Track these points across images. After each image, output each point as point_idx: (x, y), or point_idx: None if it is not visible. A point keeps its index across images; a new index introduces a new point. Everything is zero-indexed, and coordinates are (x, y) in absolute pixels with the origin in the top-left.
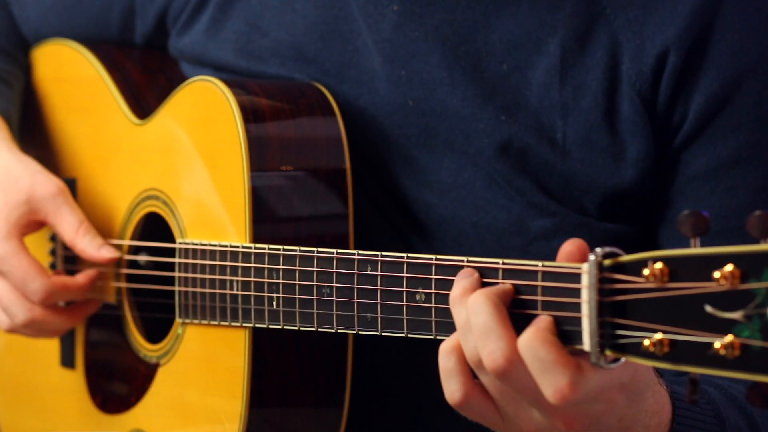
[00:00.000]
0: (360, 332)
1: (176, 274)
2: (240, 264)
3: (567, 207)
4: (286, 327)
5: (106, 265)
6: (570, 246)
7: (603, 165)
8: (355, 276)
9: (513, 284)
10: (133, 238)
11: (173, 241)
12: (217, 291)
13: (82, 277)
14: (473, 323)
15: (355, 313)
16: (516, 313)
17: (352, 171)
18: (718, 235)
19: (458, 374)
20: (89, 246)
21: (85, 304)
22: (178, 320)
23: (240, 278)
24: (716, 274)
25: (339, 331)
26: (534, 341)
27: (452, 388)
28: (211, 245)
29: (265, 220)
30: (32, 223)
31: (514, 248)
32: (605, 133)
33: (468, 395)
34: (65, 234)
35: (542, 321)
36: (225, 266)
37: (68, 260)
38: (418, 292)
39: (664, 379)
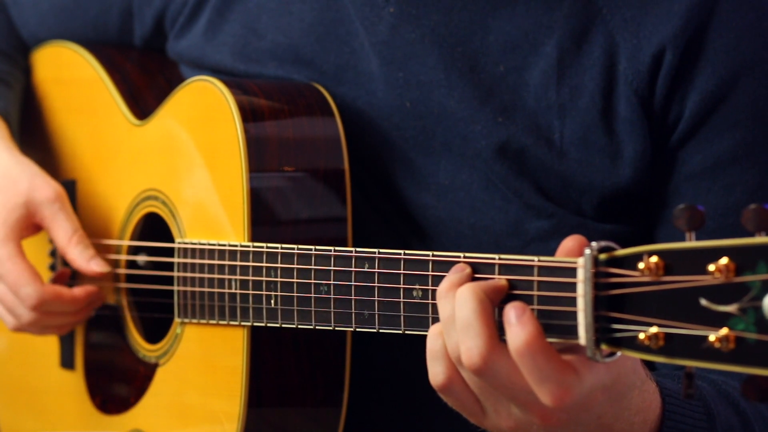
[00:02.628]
0: (357, 329)
1: (175, 273)
2: (238, 263)
3: (564, 208)
4: (284, 325)
5: (95, 277)
6: (570, 242)
7: (600, 165)
8: (353, 273)
9: (508, 280)
10: (132, 239)
11: (173, 241)
12: (216, 290)
13: (79, 291)
14: (457, 316)
15: (353, 310)
16: None
17: (350, 172)
18: (715, 233)
19: (444, 357)
20: (80, 256)
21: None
22: (177, 320)
23: (238, 277)
24: (711, 268)
25: (336, 328)
26: (533, 350)
27: (436, 370)
28: (209, 244)
29: (264, 220)
30: (30, 226)
31: (511, 250)
32: (602, 133)
33: (451, 379)
34: (58, 241)
35: (534, 327)
36: (223, 265)
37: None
38: (414, 288)
39: (654, 374)
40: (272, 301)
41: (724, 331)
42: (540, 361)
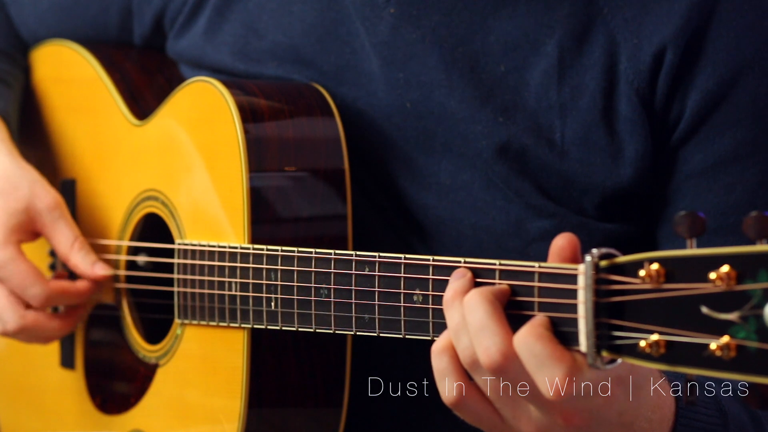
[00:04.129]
0: (358, 333)
1: (175, 275)
2: (238, 265)
3: (565, 208)
4: (284, 328)
5: (99, 281)
6: (561, 240)
7: (601, 164)
8: (353, 277)
9: (510, 285)
10: (132, 239)
11: (172, 241)
12: (216, 292)
13: (82, 283)
14: (469, 321)
15: (353, 314)
16: (513, 314)
17: (351, 172)
18: (716, 232)
19: (451, 373)
20: (82, 262)
21: (76, 310)
22: (177, 321)
23: (238, 279)
24: (712, 275)
25: (337, 331)
26: (529, 337)
27: (447, 387)
28: (209, 246)
29: (264, 220)
30: (28, 232)
31: (512, 250)
32: (603, 133)
33: (464, 393)
34: (60, 248)
35: (537, 318)
36: (223, 267)
37: None
38: (415, 293)
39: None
40: (272, 304)
41: (725, 339)
42: (537, 348)
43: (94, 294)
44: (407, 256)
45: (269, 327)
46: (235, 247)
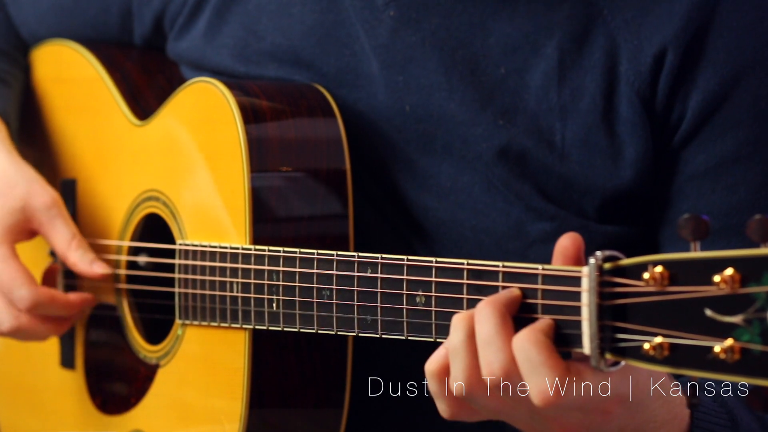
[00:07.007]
0: (360, 334)
1: (176, 275)
2: (240, 265)
3: (566, 210)
4: (286, 329)
5: (98, 280)
6: (566, 241)
7: (602, 166)
8: (355, 278)
9: (521, 288)
10: (133, 239)
11: (173, 242)
12: (217, 293)
13: (74, 296)
14: (477, 330)
15: (355, 315)
16: (516, 317)
17: (351, 174)
18: (719, 234)
19: (443, 397)
20: (81, 260)
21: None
22: (178, 321)
23: (240, 280)
24: (716, 278)
25: (339, 333)
26: (526, 342)
27: (442, 407)
28: (211, 246)
29: (265, 221)
30: (25, 231)
31: (512, 252)
32: (604, 135)
33: (457, 412)
34: (57, 246)
35: (540, 323)
36: (225, 268)
37: None
38: (418, 294)
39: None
40: (274, 305)
41: (729, 341)
42: (532, 354)
43: (84, 309)
44: (410, 257)
45: (271, 328)
46: (237, 248)
